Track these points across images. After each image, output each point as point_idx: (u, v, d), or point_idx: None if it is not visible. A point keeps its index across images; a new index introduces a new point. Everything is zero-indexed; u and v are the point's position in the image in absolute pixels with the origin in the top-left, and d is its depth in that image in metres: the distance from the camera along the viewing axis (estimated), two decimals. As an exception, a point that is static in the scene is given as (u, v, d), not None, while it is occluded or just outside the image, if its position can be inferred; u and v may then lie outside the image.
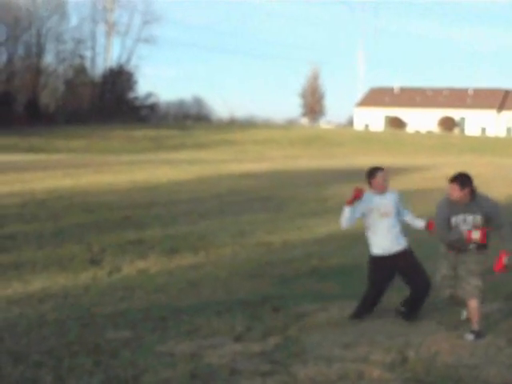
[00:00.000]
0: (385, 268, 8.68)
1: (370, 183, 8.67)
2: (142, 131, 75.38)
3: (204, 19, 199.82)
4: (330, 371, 6.97)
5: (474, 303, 8.24)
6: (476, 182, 8.22)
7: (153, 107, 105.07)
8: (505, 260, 8.15)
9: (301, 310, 9.42)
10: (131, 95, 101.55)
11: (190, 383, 6.61)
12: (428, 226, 8.81)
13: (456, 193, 8.08)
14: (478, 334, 8.14)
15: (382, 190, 8.60)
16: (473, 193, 8.12)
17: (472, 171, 8.42)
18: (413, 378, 6.85)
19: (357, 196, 8.39)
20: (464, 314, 8.61)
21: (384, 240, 8.60)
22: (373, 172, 8.64)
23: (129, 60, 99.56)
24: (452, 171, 8.34)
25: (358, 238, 16.05)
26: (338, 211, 20.63)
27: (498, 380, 6.91)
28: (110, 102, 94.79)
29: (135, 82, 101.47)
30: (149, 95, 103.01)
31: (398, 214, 8.74)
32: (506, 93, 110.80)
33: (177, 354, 7.42)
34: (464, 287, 8.28)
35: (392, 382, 6.76)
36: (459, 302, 8.53)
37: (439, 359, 7.42)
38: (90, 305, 9.65)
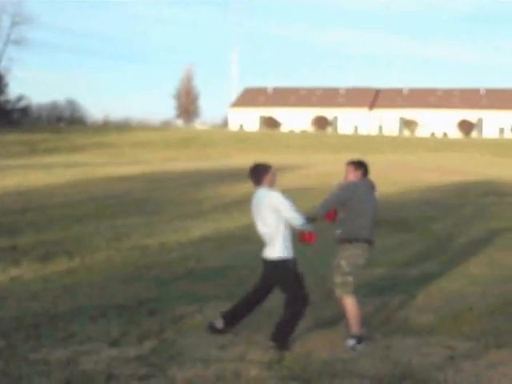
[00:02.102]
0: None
1: (262, 179, 8.17)
2: (13, 135, 73.48)
3: (78, 22, 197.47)
4: (207, 372, 7.01)
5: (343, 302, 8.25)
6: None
7: (25, 110, 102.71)
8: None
9: (177, 312, 9.43)
10: (1, 98, 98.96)
11: (66, 390, 6.53)
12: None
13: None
14: (359, 339, 8.00)
15: (272, 187, 8.20)
16: None
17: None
18: (289, 376, 6.96)
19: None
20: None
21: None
22: (267, 168, 8.21)
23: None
24: (326, 169, 8.45)
25: (233, 238, 16.24)
26: (213, 212, 20.77)
27: (371, 372, 7.10)
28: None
29: (6, 85, 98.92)
30: (20, 98, 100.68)
31: None
32: (377, 92, 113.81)
33: (51, 362, 7.30)
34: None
35: (269, 380, 6.85)
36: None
37: (315, 355, 7.57)
38: (-41, 316, 9.36)
